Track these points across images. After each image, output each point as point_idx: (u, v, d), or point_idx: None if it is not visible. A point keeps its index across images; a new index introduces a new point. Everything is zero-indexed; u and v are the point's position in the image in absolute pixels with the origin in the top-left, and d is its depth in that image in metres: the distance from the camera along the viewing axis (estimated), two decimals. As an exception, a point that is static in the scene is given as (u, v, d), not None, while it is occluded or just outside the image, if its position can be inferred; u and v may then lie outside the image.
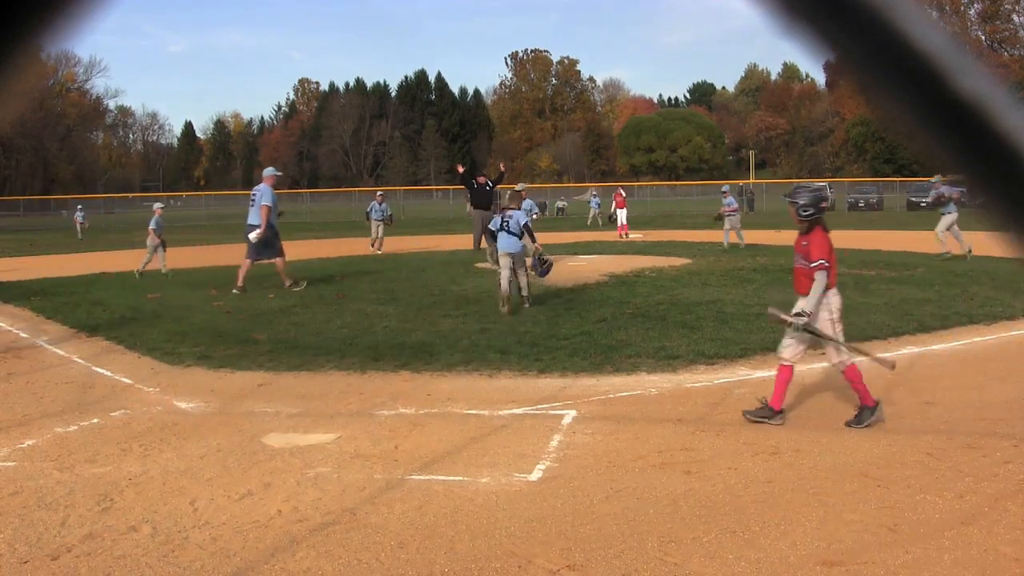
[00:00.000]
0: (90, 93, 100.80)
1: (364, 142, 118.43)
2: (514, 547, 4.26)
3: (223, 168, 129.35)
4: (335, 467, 5.53)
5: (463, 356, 8.61)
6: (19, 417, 6.97)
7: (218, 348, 9.45)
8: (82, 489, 5.19)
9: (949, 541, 4.15)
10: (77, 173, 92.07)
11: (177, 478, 5.38)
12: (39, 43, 0.42)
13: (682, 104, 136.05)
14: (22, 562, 4.17)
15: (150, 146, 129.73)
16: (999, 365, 8.04)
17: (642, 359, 8.33)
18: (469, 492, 5.04)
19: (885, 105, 0.44)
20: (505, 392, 7.39)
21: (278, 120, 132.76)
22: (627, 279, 14.76)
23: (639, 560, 4.06)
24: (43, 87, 76.17)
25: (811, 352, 6.58)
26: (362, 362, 8.54)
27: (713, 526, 4.44)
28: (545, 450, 5.77)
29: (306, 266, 17.29)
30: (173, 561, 4.16)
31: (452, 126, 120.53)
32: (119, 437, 6.32)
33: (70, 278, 17.43)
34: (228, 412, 7.01)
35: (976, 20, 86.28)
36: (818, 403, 6.84)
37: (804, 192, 6.42)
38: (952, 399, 6.86)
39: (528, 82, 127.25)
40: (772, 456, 5.55)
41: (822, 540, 4.23)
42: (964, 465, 5.27)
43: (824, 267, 6.12)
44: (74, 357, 9.45)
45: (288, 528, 4.56)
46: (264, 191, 14.49)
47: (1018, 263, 9.18)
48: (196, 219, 54.17)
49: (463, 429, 6.30)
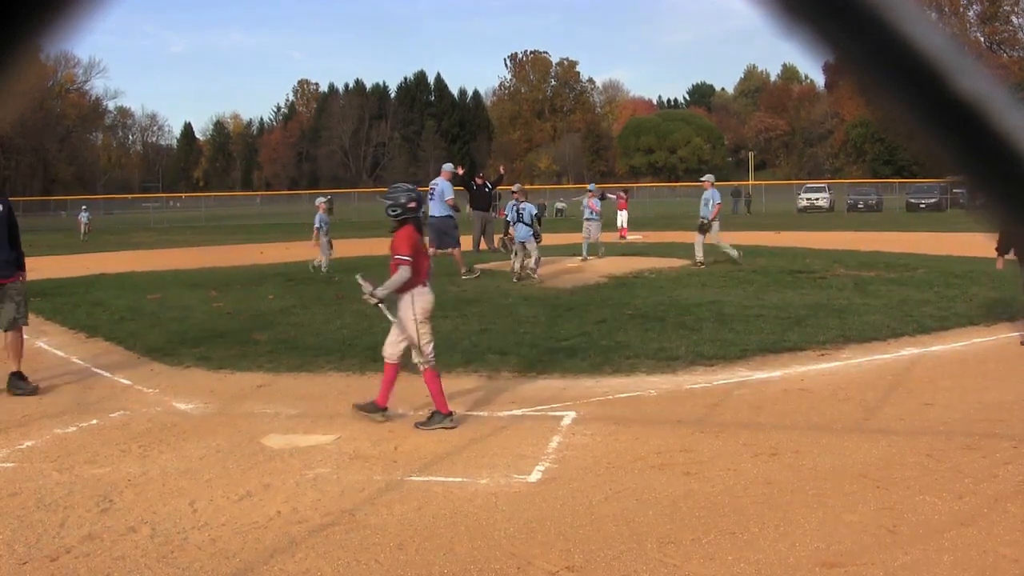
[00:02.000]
0: (89, 94, 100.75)
1: (363, 143, 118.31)
2: (513, 548, 4.26)
3: (223, 169, 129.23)
4: (334, 468, 5.53)
5: (463, 357, 8.61)
6: (18, 418, 6.97)
7: (218, 349, 9.45)
8: (81, 490, 5.19)
9: (948, 542, 4.15)
10: (77, 174, 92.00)
11: (176, 479, 5.38)
12: (39, 44, 0.42)
13: (681, 105, 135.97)
14: (21, 563, 4.17)
15: (149, 147, 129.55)
16: (998, 366, 8.04)
17: (641, 360, 8.33)
18: (468, 493, 5.04)
19: (885, 106, 0.44)
20: (504, 393, 7.39)
21: (277, 121, 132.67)
22: (626, 280, 14.75)
23: (638, 561, 4.06)
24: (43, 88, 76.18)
25: (805, 356, 6.57)
26: (362, 363, 8.54)
27: (712, 527, 4.44)
28: (544, 451, 5.77)
29: (306, 267, 17.29)
30: (172, 562, 4.16)
31: (451, 127, 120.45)
32: (118, 438, 6.32)
33: (70, 279, 17.42)
34: (228, 413, 7.01)
35: (975, 21, 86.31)
36: (817, 405, 6.84)
37: (392, 192, 6.60)
38: (951, 400, 6.86)
39: (527, 83, 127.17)
40: (771, 457, 5.55)
41: (821, 541, 4.23)
42: (963, 466, 5.27)
43: (403, 262, 6.25)
44: (73, 358, 9.44)
45: (287, 529, 4.56)
46: (443, 185, 15.90)
47: (1017, 264, 9.19)
48: (196, 220, 54.16)
49: (462, 430, 6.30)
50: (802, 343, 8.95)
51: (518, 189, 16.21)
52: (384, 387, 6.51)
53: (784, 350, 8.68)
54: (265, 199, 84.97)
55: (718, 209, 16.78)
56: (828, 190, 51.77)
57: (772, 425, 6.28)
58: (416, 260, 6.32)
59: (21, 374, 7.77)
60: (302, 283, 15.51)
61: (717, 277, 14.83)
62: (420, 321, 6.38)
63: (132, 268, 18.40)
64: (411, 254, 6.29)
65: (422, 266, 6.39)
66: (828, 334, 9.32)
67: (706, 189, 17.02)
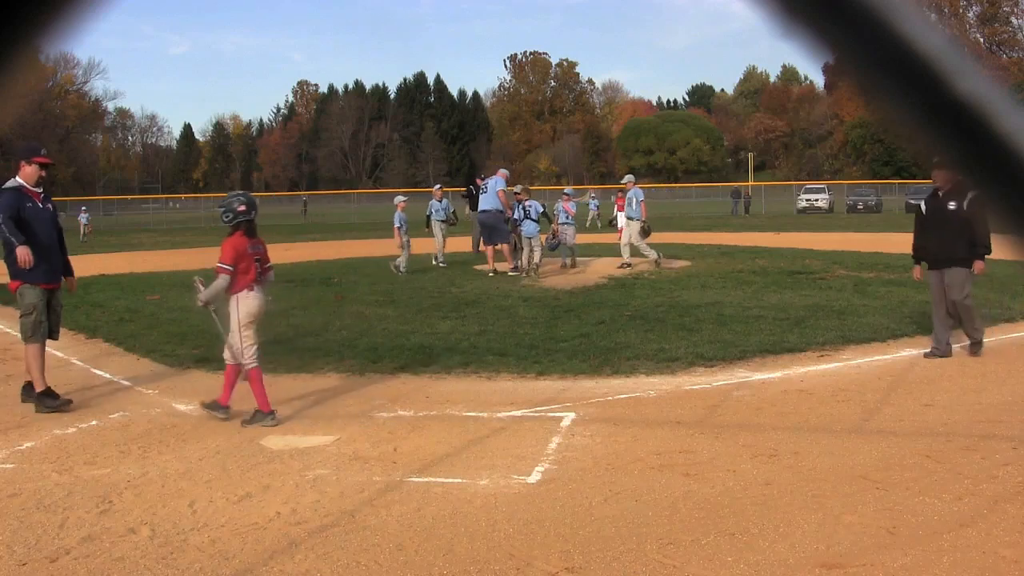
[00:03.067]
0: (89, 95, 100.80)
1: (363, 144, 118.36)
2: (513, 549, 4.26)
3: (222, 170, 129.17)
4: (334, 469, 5.52)
5: (462, 358, 8.61)
6: (18, 419, 6.96)
7: (217, 350, 9.43)
8: (81, 491, 5.18)
9: (948, 543, 4.15)
10: (76, 175, 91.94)
11: (176, 480, 5.37)
12: (38, 45, 0.42)
13: (681, 106, 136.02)
14: (20, 564, 4.17)
15: (149, 148, 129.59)
16: (998, 367, 8.04)
17: (641, 361, 8.34)
18: (468, 494, 5.04)
19: (884, 107, 0.44)
20: (504, 394, 7.39)
21: (277, 122, 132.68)
22: (626, 281, 14.76)
23: (638, 562, 4.06)
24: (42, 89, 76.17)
25: (805, 356, 6.57)
26: (361, 364, 8.54)
27: (712, 528, 4.43)
28: (544, 452, 5.77)
29: (305, 268, 17.30)
30: (172, 563, 4.16)
31: (451, 128, 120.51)
32: (118, 439, 6.32)
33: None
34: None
35: (975, 22, 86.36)
36: (817, 406, 6.84)
37: (226, 199, 6.89)
38: (951, 401, 6.86)
39: (527, 84, 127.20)
40: (771, 458, 5.55)
41: (821, 542, 4.23)
42: (963, 467, 5.27)
43: (221, 270, 6.47)
44: (73, 359, 9.44)
45: (287, 530, 4.56)
46: (499, 182, 16.51)
47: (1017, 265, 9.18)
48: (195, 221, 54.13)
49: (462, 431, 6.30)
50: (802, 344, 8.96)
51: (520, 190, 16.57)
52: (226, 387, 6.72)
53: (784, 351, 8.68)
54: (264, 200, 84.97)
55: (644, 207, 16.81)
56: (828, 191, 51.74)
57: (772, 426, 6.28)
58: (242, 266, 6.52)
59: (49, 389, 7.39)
60: (301, 284, 15.51)
61: (717, 278, 14.84)
62: (243, 324, 6.57)
63: (131, 269, 18.40)
64: (233, 261, 6.48)
65: (249, 270, 6.57)
66: (828, 335, 9.33)
67: (628, 189, 17.11)
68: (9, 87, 0.43)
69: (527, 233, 15.63)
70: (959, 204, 8.36)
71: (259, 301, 6.66)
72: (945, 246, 8.45)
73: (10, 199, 7.21)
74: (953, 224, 8.37)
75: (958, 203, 8.37)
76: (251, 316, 6.61)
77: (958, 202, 8.37)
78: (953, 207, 8.41)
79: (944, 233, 8.47)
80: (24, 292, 7.25)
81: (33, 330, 7.23)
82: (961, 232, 8.32)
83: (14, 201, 7.21)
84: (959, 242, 8.34)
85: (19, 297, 7.33)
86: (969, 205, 8.28)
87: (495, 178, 16.92)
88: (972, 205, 8.22)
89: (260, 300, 6.67)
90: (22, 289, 7.26)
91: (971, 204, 8.22)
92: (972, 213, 8.23)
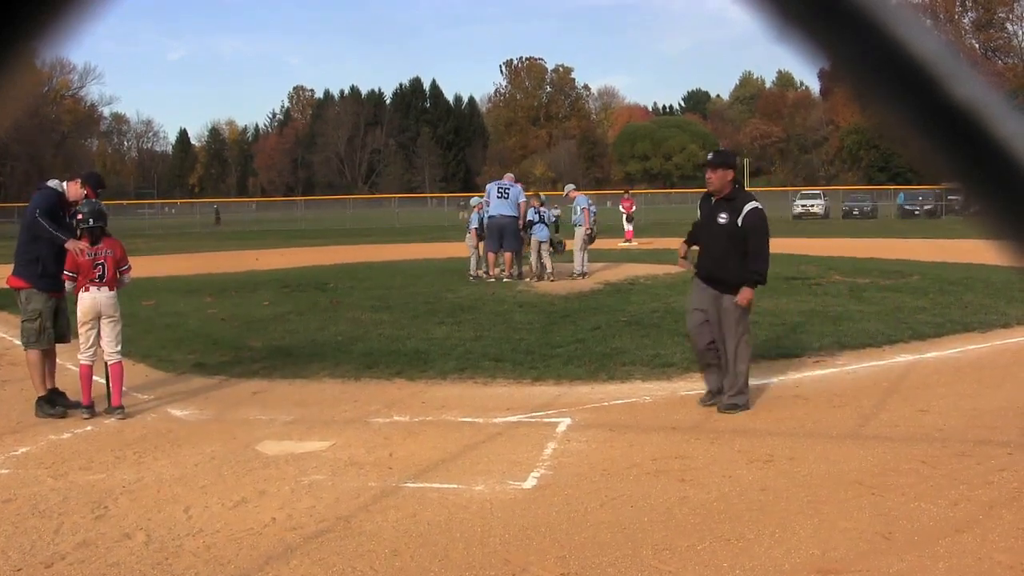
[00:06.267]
0: (85, 100, 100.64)
1: (359, 149, 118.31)
2: (509, 555, 4.25)
3: (218, 175, 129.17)
4: (329, 475, 5.52)
5: (458, 364, 8.60)
6: (13, 424, 6.95)
7: (213, 355, 9.44)
8: (76, 496, 5.17)
9: (943, 549, 4.16)
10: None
11: (171, 485, 5.36)
12: (34, 49, 0.42)
13: (677, 112, 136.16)
14: (15, 570, 4.16)
15: (145, 153, 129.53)
16: (994, 373, 8.05)
17: (637, 367, 8.34)
18: (463, 500, 5.04)
19: (880, 112, 0.44)
20: (500, 400, 7.39)
21: (273, 127, 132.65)
22: (622, 287, 14.76)
23: (634, 568, 4.06)
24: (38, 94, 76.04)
25: (804, 360, 6.56)
26: (356, 369, 8.53)
27: (708, 534, 4.43)
28: (540, 458, 5.77)
29: (300, 273, 17.28)
30: (167, 569, 4.15)
31: (447, 134, 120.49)
32: (113, 444, 6.30)
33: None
34: (223, 419, 6.99)
35: (970, 28, 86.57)
36: (812, 411, 6.85)
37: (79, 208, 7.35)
38: (946, 407, 6.86)
39: (523, 90, 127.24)
40: (767, 464, 5.55)
41: (817, 548, 4.23)
42: (958, 473, 5.27)
43: (67, 277, 7.14)
44: (68, 364, 9.40)
45: (282, 536, 4.55)
46: (518, 188, 16.45)
47: (1013, 271, 9.20)
48: (191, 226, 54.09)
49: (458, 437, 6.30)
50: (797, 350, 8.96)
51: (534, 195, 16.96)
52: (84, 386, 7.15)
53: (779, 356, 8.69)
54: (260, 205, 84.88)
55: (587, 214, 16.72)
56: (823, 197, 51.81)
57: (767, 431, 6.29)
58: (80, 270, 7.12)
59: (58, 391, 7.45)
60: (297, 289, 15.49)
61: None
62: (80, 323, 7.22)
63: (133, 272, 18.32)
64: (74, 268, 7.09)
65: (83, 277, 7.13)
66: (823, 341, 9.33)
67: (572, 199, 17.18)
68: (6, 92, 0.43)
69: (540, 238, 15.94)
70: (731, 218, 6.82)
71: (92, 302, 7.21)
72: (717, 265, 6.93)
73: (51, 197, 7.44)
74: (721, 240, 6.87)
75: (730, 217, 6.82)
76: (85, 314, 7.20)
77: (730, 215, 6.82)
78: (724, 220, 6.85)
79: (714, 249, 6.96)
80: (31, 297, 7.26)
81: (36, 336, 7.25)
82: (734, 250, 6.78)
83: (55, 200, 7.44)
84: (730, 263, 6.79)
85: (24, 301, 7.32)
86: (744, 220, 6.77)
87: (518, 187, 16.70)
88: (748, 220, 6.77)
89: (93, 301, 7.21)
90: (29, 294, 7.27)
91: (747, 219, 6.77)
92: (747, 229, 6.76)
